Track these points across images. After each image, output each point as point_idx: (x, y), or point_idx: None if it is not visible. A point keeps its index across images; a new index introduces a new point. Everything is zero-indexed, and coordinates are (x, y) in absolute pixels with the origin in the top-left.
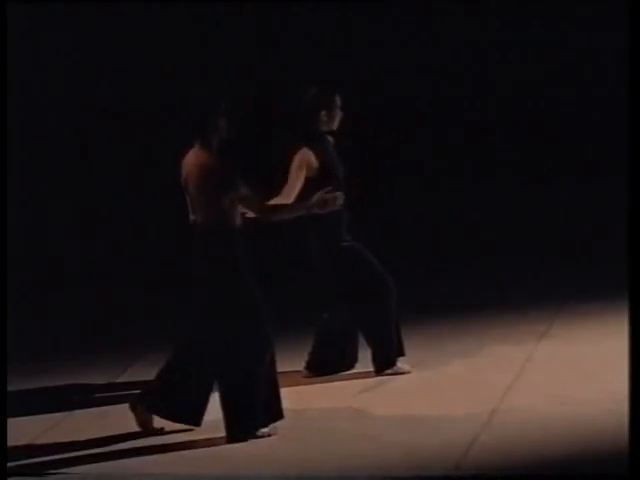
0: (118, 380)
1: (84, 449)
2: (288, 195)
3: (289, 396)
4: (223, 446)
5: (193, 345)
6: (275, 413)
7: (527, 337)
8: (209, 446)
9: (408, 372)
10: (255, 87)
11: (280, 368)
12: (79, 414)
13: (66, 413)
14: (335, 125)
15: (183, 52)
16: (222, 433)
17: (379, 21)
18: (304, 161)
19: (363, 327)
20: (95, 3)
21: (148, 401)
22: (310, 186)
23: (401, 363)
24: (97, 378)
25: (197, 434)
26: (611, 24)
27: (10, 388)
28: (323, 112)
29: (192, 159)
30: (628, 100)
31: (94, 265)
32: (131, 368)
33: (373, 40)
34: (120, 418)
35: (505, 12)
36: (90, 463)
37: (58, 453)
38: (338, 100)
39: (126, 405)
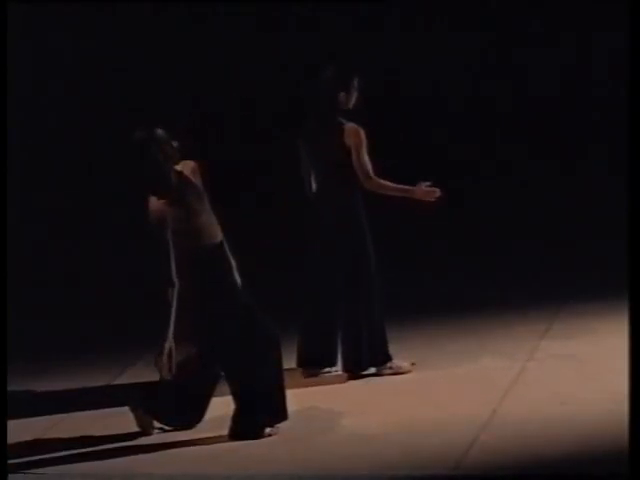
0: (118, 380)
1: (84, 448)
2: (370, 171)
3: (289, 396)
4: (223, 446)
5: (196, 348)
6: (280, 414)
7: (527, 337)
8: (209, 444)
9: (408, 371)
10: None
11: None
12: (79, 414)
13: (63, 415)
14: (351, 104)
15: (183, 52)
16: (222, 432)
17: (379, 21)
18: (364, 136)
19: (342, 323)
20: (95, 3)
21: (147, 405)
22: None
23: (400, 362)
24: (97, 378)
25: (197, 433)
26: (611, 24)
27: (10, 388)
28: (342, 94)
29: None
30: (628, 100)
31: (94, 265)
32: (131, 368)
33: (373, 40)
34: (120, 418)
35: (505, 12)
36: (90, 462)
37: (58, 452)
38: (356, 81)
39: (126, 406)
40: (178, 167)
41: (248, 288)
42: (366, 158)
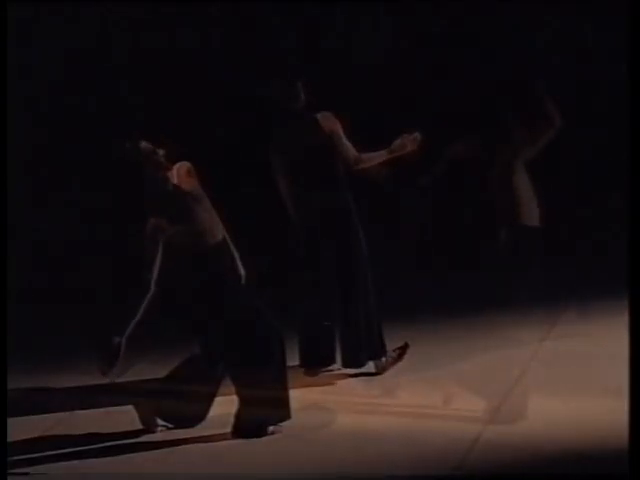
0: (121, 378)
1: (86, 446)
2: (354, 151)
3: (291, 395)
4: (226, 444)
5: (200, 347)
6: (283, 412)
7: (530, 337)
8: (212, 442)
9: (400, 358)
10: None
11: None
12: (81, 412)
13: (67, 413)
14: (300, 106)
15: (184, 52)
16: (225, 430)
17: (377, 20)
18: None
19: (340, 320)
20: (95, 3)
21: (150, 403)
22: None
23: (394, 352)
24: (97, 378)
25: (200, 431)
26: (611, 24)
27: (10, 387)
28: (292, 96)
29: None
30: (628, 101)
31: (94, 264)
32: (131, 368)
33: (372, 39)
34: (120, 418)
35: (504, 12)
36: (92, 460)
37: (59, 450)
38: (299, 86)
39: (127, 405)
40: (172, 171)
41: (250, 287)
42: (349, 145)
